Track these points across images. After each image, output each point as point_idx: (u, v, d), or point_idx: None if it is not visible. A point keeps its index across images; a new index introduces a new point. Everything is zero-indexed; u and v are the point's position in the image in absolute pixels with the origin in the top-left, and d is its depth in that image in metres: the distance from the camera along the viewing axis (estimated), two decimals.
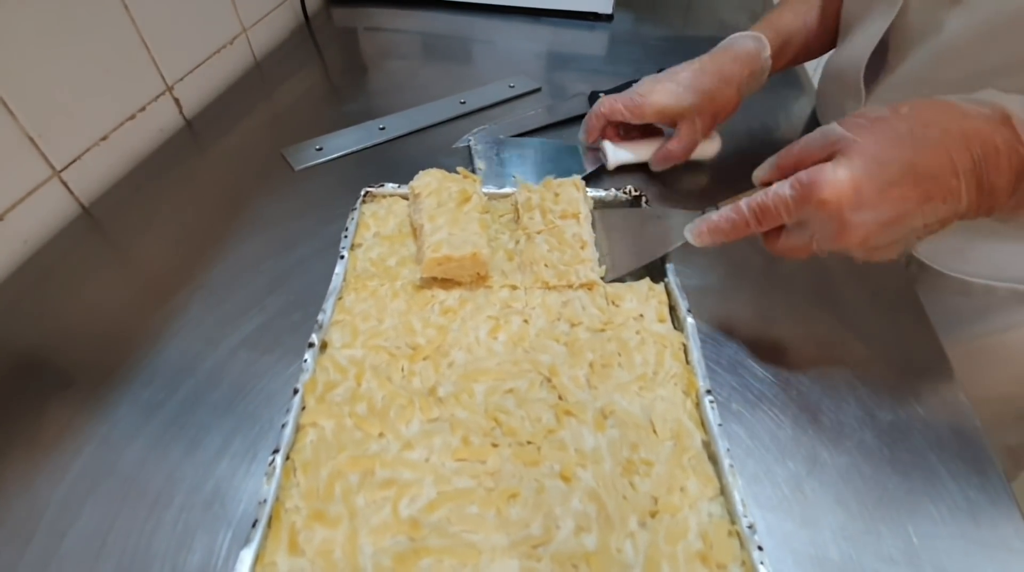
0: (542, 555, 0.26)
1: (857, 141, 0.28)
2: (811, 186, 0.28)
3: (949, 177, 0.27)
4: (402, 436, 0.30)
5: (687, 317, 0.35)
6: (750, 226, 0.31)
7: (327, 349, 0.34)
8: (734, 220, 0.32)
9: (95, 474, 0.31)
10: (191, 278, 0.41)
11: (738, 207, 0.32)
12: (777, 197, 0.30)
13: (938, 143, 0.27)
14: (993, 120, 0.27)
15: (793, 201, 0.29)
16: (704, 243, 0.34)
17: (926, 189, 0.27)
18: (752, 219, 0.31)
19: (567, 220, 0.39)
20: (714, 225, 0.33)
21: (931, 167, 0.27)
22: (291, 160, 0.51)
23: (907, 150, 0.27)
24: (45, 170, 0.44)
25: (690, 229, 0.34)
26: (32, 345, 0.37)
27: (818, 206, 0.28)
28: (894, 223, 0.28)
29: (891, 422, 0.34)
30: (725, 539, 0.26)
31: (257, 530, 0.25)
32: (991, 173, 0.27)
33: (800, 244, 0.31)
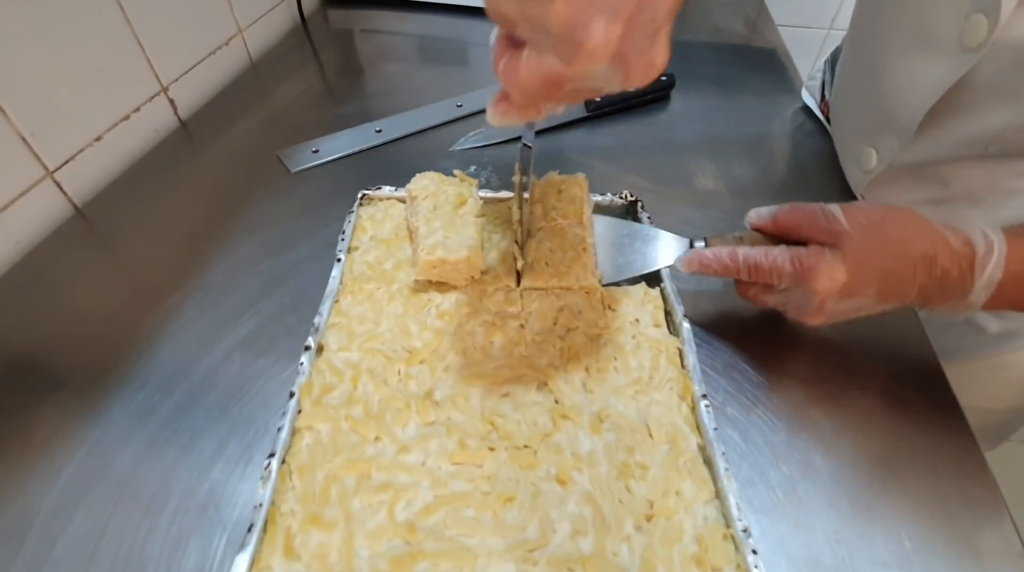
0: (538, 559, 0.26)
1: (855, 239, 0.31)
2: (810, 273, 0.31)
3: (908, 286, 0.32)
4: (398, 439, 0.30)
5: (683, 322, 0.35)
6: (739, 274, 0.34)
7: (323, 352, 0.34)
8: (726, 265, 0.34)
9: (88, 478, 0.31)
10: (186, 280, 0.41)
11: (734, 255, 0.34)
12: (775, 266, 0.33)
13: (911, 259, 0.31)
14: (959, 254, 0.31)
15: (789, 277, 0.32)
16: (692, 272, 0.36)
17: (888, 292, 0.32)
18: (744, 271, 0.34)
19: (569, 220, 0.39)
20: (706, 262, 0.35)
21: (900, 276, 0.31)
22: (287, 162, 0.51)
23: (888, 259, 0.31)
24: (38, 170, 0.44)
25: (681, 260, 0.36)
26: (25, 347, 0.37)
27: (808, 290, 0.32)
28: (854, 312, 0.33)
29: (885, 427, 0.34)
30: (720, 543, 0.26)
31: (253, 534, 0.25)
32: (936, 291, 0.32)
33: (769, 300, 0.35)
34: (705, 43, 0.76)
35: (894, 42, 0.42)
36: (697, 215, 0.48)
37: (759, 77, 0.68)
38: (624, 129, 0.58)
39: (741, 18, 0.83)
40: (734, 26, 0.81)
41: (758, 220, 0.36)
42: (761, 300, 0.36)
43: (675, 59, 0.55)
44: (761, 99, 0.64)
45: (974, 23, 0.34)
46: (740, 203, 0.49)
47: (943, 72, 0.37)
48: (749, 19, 0.83)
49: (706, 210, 0.49)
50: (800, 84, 0.65)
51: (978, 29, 0.34)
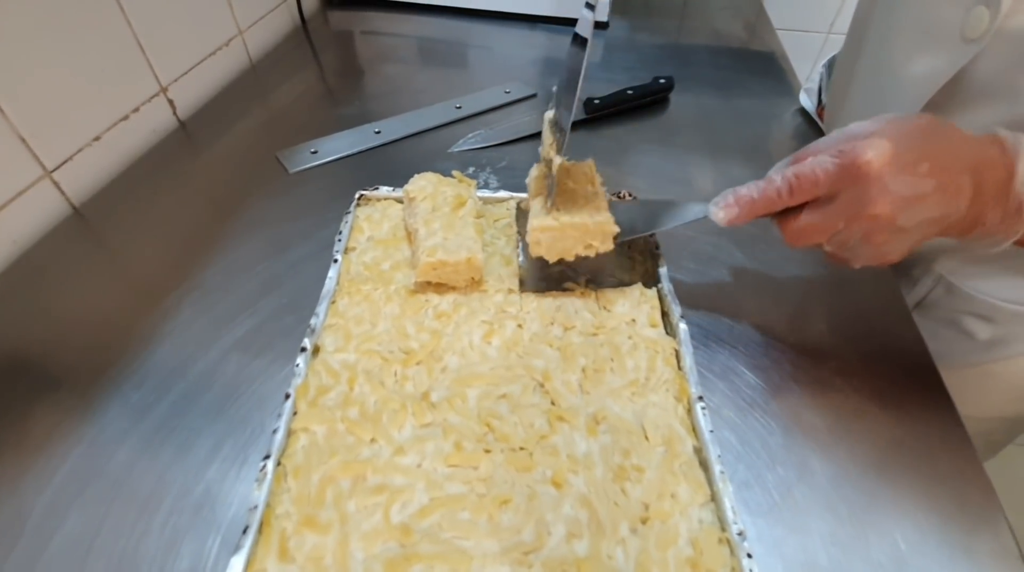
0: (533, 561, 0.26)
1: (883, 129, 0.29)
2: (854, 151, 0.28)
3: (958, 173, 0.29)
4: (394, 441, 0.30)
5: (679, 322, 0.35)
6: (781, 197, 0.31)
7: (320, 353, 0.34)
8: (765, 190, 0.31)
9: (83, 477, 0.30)
10: (183, 280, 0.41)
11: (770, 178, 0.31)
12: (816, 164, 0.29)
13: (951, 142, 0.29)
14: (986, 141, 0.30)
15: (835, 167, 0.29)
16: (730, 216, 0.32)
17: (941, 179, 0.28)
18: (785, 189, 0.30)
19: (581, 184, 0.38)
20: (742, 197, 0.32)
21: (946, 160, 0.29)
22: (286, 163, 0.51)
23: (928, 142, 0.29)
24: (36, 170, 0.44)
25: (716, 202, 0.33)
26: (21, 346, 0.37)
27: (859, 172, 0.28)
28: (916, 202, 0.28)
29: (881, 430, 0.34)
30: (715, 546, 0.26)
31: (247, 536, 0.25)
32: (986, 181, 0.29)
33: (822, 222, 0.31)
34: (704, 46, 0.77)
35: (896, 36, 0.43)
36: None
37: (757, 80, 0.68)
38: (623, 131, 0.58)
39: (740, 22, 0.83)
40: (733, 29, 0.81)
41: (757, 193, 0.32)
42: (812, 227, 0.31)
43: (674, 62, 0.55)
44: (759, 102, 0.64)
45: (976, 15, 0.34)
46: None
47: (943, 63, 0.37)
48: (748, 23, 0.83)
49: None
50: (798, 88, 0.65)
51: (980, 20, 0.34)
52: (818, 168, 0.29)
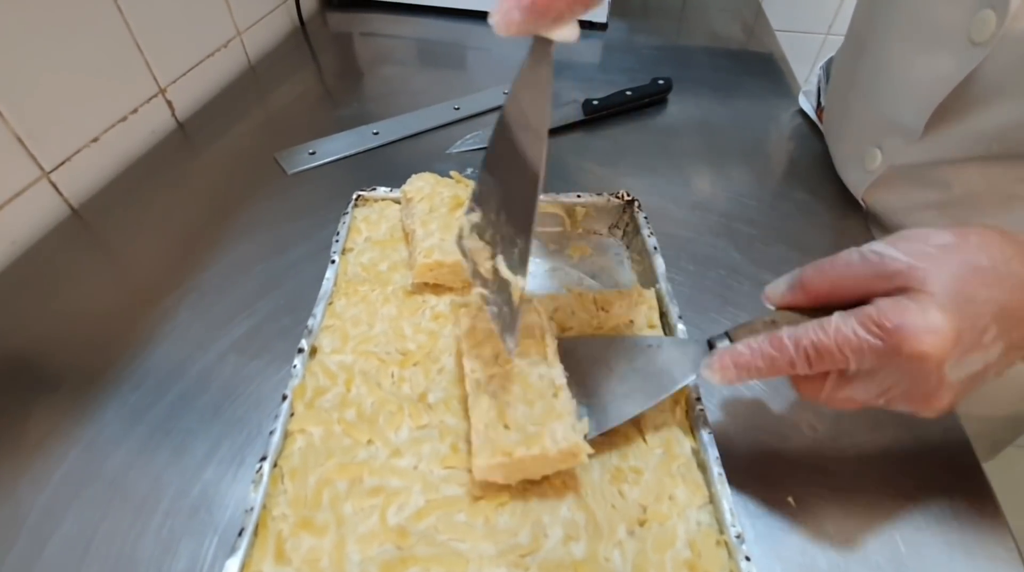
0: (530, 564, 0.26)
1: (933, 271, 0.22)
2: (901, 334, 0.22)
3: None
4: (391, 443, 0.30)
5: (678, 323, 0.35)
6: (795, 366, 0.25)
7: (317, 354, 0.33)
8: (773, 358, 0.25)
9: (80, 479, 0.30)
10: (181, 281, 0.41)
11: (779, 342, 0.25)
12: (843, 340, 0.23)
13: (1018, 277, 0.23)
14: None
15: (873, 350, 0.22)
16: (727, 380, 0.27)
17: (1013, 337, 0.23)
18: (801, 360, 0.24)
19: (530, 357, 0.29)
20: (743, 361, 0.26)
21: (1016, 309, 0.22)
22: (284, 164, 0.51)
23: (995, 289, 0.22)
24: (34, 171, 0.44)
25: (708, 365, 0.27)
26: (18, 347, 0.37)
27: (912, 360, 0.22)
28: (979, 378, 0.23)
29: (880, 432, 0.34)
30: (713, 548, 0.26)
31: (243, 538, 0.25)
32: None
33: (864, 398, 0.25)
34: (702, 48, 0.76)
35: (896, 38, 0.42)
36: (694, 218, 0.48)
37: (756, 82, 0.68)
38: (620, 132, 0.58)
39: (738, 23, 0.83)
40: (731, 31, 0.81)
41: (781, 296, 0.27)
42: (844, 399, 0.25)
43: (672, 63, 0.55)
44: (758, 103, 0.64)
45: (982, 18, 0.34)
46: (736, 206, 0.49)
47: (951, 67, 0.36)
48: (746, 24, 0.83)
49: (703, 213, 0.49)
50: (797, 89, 0.65)
51: (986, 24, 0.34)
52: (847, 345, 0.23)
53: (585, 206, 0.43)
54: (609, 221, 0.45)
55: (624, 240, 0.44)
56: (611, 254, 0.44)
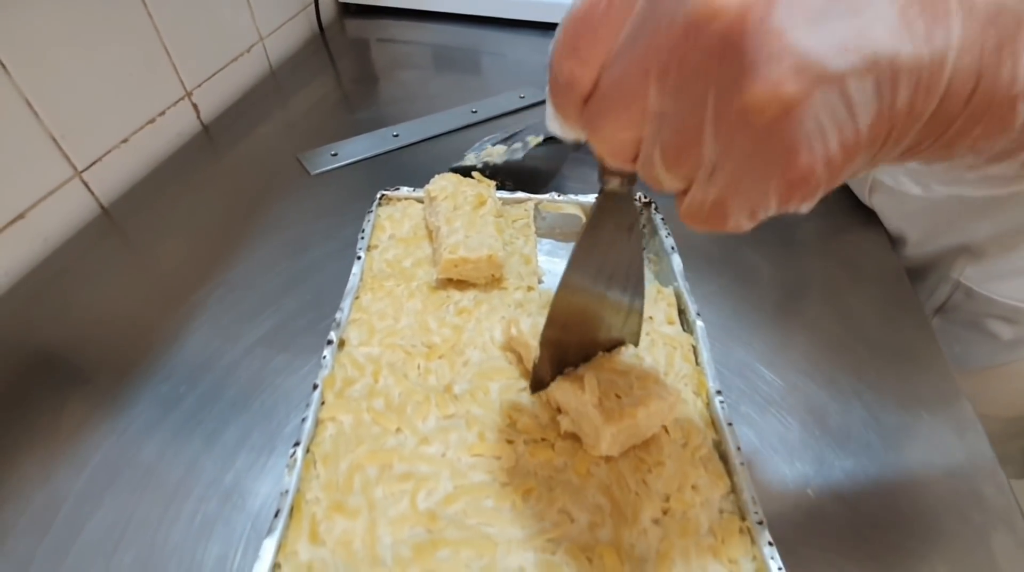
0: (556, 548, 0.26)
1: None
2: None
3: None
4: (419, 431, 0.30)
5: (696, 319, 0.36)
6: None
7: (344, 347, 0.34)
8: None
9: (114, 466, 0.31)
10: (208, 278, 0.42)
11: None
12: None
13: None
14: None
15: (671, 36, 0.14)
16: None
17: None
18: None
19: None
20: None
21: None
22: (307, 165, 0.52)
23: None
24: (67, 170, 0.45)
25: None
26: (51, 341, 0.38)
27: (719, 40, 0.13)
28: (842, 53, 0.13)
29: (896, 426, 0.35)
30: (736, 535, 0.27)
31: (279, 520, 0.26)
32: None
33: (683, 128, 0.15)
34: None
35: None
36: None
37: None
38: None
39: None
40: None
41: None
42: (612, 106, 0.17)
43: None
44: None
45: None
46: None
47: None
48: None
49: None
50: None
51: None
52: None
53: None
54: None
55: (642, 242, 0.45)
56: None
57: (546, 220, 0.45)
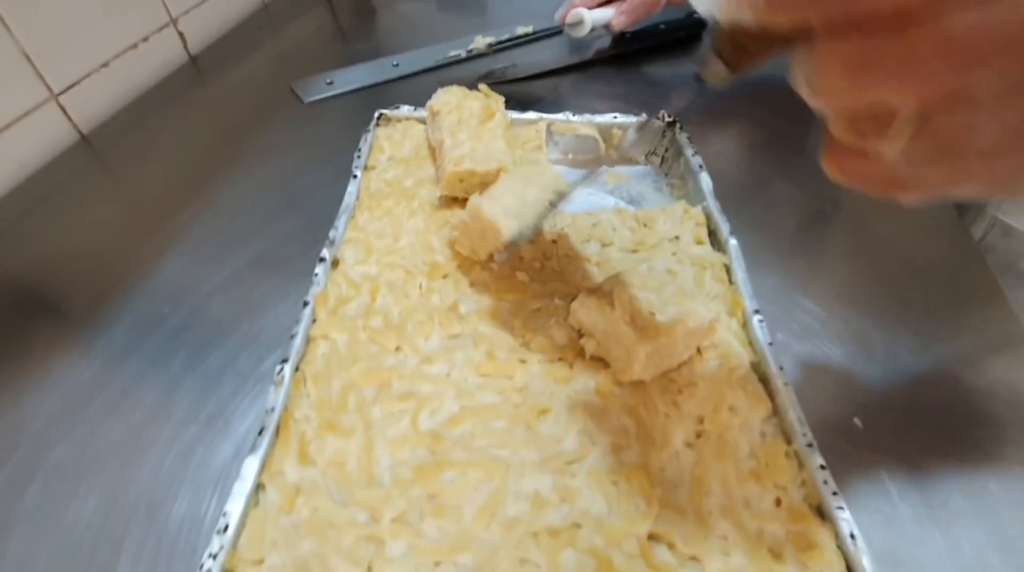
0: (577, 471, 0.23)
1: None
2: None
3: None
4: (420, 351, 0.27)
5: (729, 238, 0.32)
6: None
7: (339, 266, 0.31)
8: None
9: (88, 389, 0.28)
10: (193, 202, 0.39)
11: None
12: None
13: None
14: None
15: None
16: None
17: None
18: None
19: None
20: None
21: None
22: (300, 93, 0.49)
23: None
24: (42, 91, 0.42)
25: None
26: (26, 268, 0.35)
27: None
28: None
29: (948, 355, 0.31)
30: (781, 459, 0.24)
31: (264, 438, 0.23)
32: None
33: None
34: None
35: None
36: (731, 150, 0.45)
37: None
38: (653, 68, 0.55)
39: None
40: None
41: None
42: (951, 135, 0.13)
43: None
44: None
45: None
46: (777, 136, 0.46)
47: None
48: None
49: (741, 144, 0.45)
50: None
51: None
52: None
53: (622, 128, 0.41)
54: (647, 147, 0.42)
55: (663, 167, 0.41)
56: (648, 181, 0.41)
57: (559, 145, 0.42)
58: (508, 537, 0.21)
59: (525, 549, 0.21)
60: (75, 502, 0.24)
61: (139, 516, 0.24)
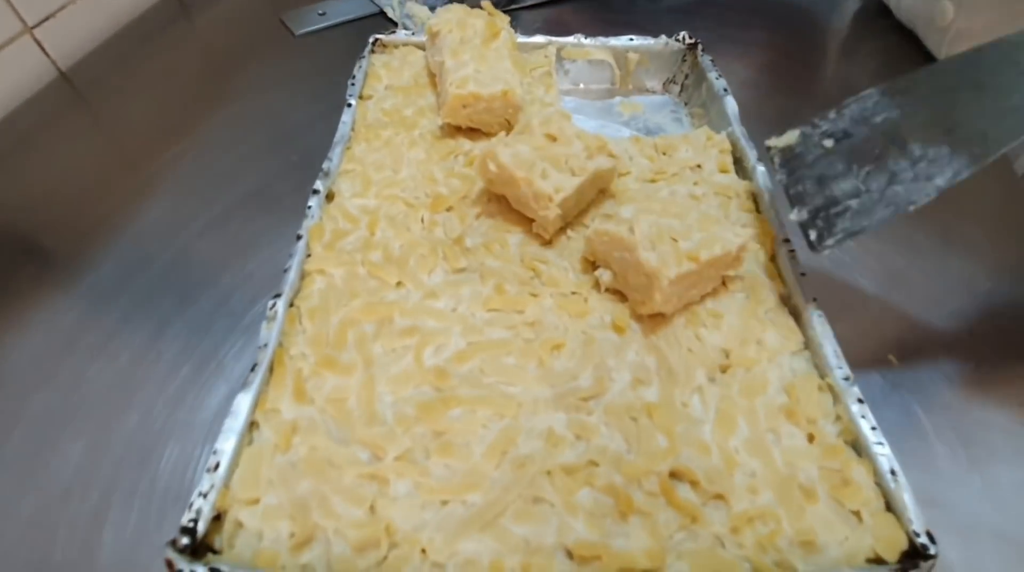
0: (593, 408, 0.22)
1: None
2: None
3: None
4: (424, 285, 0.25)
5: (756, 165, 0.29)
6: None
7: (335, 199, 0.29)
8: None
9: (73, 331, 0.27)
10: (181, 138, 0.36)
11: None
12: None
13: None
14: None
15: None
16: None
17: None
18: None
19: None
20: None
21: None
22: (291, 25, 0.45)
23: None
24: (15, 24, 0.39)
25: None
26: (8, 207, 0.33)
27: None
28: None
29: (987, 291, 0.29)
30: (814, 393, 0.22)
31: (256, 374, 0.21)
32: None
33: None
34: None
35: None
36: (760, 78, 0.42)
37: None
38: None
39: None
40: None
41: None
42: None
43: None
44: None
45: None
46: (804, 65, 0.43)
47: None
48: None
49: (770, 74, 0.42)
50: None
51: None
52: None
53: (639, 52, 0.37)
54: (664, 75, 0.39)
55: (683, 96, 0.38)
56: (666, 111, 0.38)
57: (569, 74, 0.39)
58: (520, 475, 0.20)
59: (538, 488, 0.20)
60: (61, 447, 0.23)
61: (130, 460, 0.23)
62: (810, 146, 0.25)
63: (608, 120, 0.37)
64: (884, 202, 0.23)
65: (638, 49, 0.37)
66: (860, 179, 0.23)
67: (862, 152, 0.24)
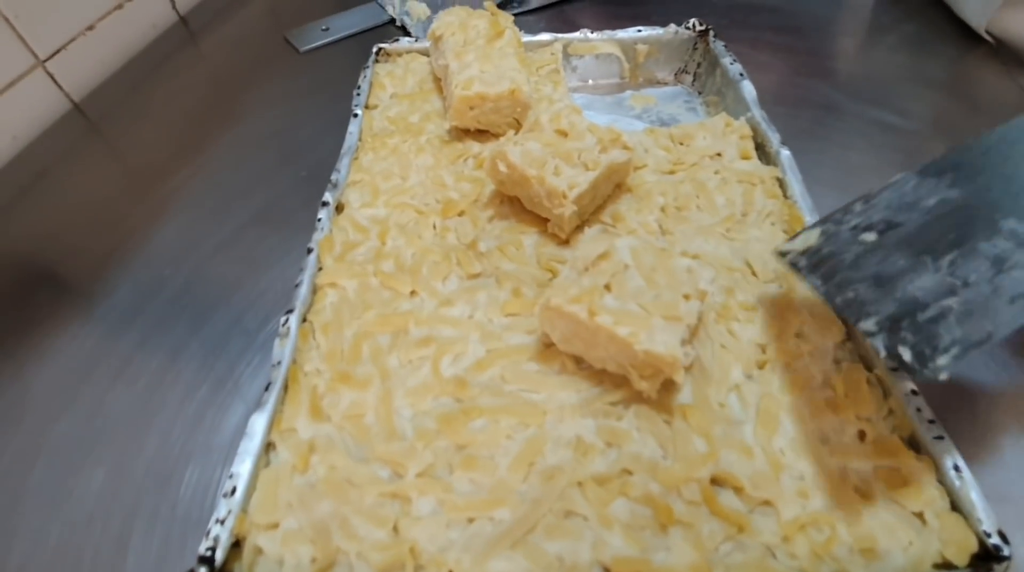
0: (624, 413, 0.20)
1: None
2: None
3: None
4: (439, 293, 0.24)
5: (780, 150, 0.28)
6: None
7: (344, 210, 0.28)
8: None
9: (92, 357, 0.27)
10: (192, 160, 0.36)
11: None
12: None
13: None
14: None
15: None
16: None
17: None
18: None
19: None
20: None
21: None
22: (295, 42, 0.45)
23: None
24: (27, 58, 0.40)
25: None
26: (27, 241, 0.33)
27: None
28: None
29: None
30: (862, 387, 0.20)
31: (271, 393, 0.21)
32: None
33: None
34: None
35: None
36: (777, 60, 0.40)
37: None
38: None
39: None
40: None
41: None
42: None
43: None
44: None
45: None
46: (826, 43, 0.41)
47: None
48: None
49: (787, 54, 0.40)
50: None
51: None
52: None
53: (648, 43, 0.36)
54: (675, 65, 0.37)
55: (696, 85, 0.37)
56: (680, 102, 0.37)
57: (577, 70, 0.38)
58: (549, 488, 0.19)
59: (570, 500, 0.18)
60: (84, 474, 0.23)
61: (150, 485, 0.22)
62: (842, 244, 0.20)
63: (620, 114, 0.36)
64: (1000, 294, 0.18)
65: (647, 40, 0.36)
66: (945, 272, 0.19)
67: (927, 241, 0.19)
